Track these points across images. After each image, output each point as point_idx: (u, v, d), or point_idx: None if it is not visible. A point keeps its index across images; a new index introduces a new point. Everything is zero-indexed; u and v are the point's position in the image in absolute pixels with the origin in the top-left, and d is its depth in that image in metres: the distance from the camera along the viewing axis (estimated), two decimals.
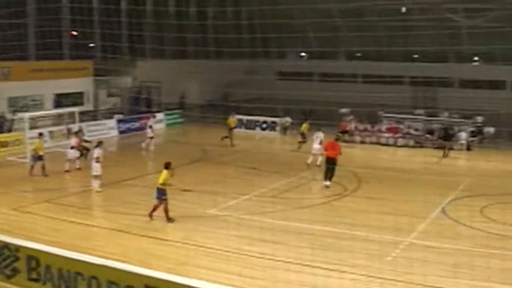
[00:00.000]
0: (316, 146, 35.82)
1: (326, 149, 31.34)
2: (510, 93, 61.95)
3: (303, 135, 41.73)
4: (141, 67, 56.73)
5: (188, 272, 17.76)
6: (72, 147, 33.11)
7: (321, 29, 67.15)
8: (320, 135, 36.63)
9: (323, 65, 70.14)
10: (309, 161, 35.79)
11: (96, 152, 29.03)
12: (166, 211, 23.73)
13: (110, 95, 55.16)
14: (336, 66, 69.86)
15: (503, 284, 17.94)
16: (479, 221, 24.80)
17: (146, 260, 18.57)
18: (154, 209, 23.81)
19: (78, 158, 33.69)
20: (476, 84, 65.12)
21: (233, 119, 44.60)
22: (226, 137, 43.00)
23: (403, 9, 63.36)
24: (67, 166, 32.79)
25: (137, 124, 48.97)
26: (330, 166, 30.39)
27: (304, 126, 42.07)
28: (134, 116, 49.97)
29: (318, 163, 35.24)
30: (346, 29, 69.15)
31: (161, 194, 23.63)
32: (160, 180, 23.64)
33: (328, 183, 30.33)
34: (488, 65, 66.07)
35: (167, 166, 24.02)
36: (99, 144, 29.79)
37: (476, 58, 71.38)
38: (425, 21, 63.26)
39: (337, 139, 32.65)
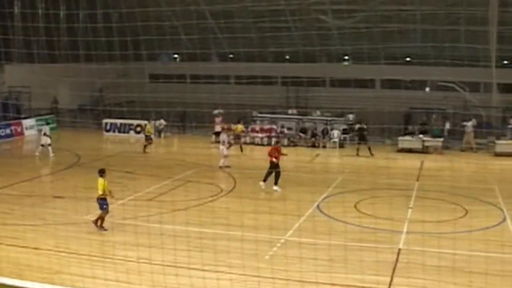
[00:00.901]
0: (223, 147, 36.76)
1: (270, 155, 30.83)
2: (379, 91, 63.55)
3: (238, 137, 41.85)
4: (9, 71, 55.05)
5: (63, 280, 17.31)
6: None
7: (192, 31, 67.10)
8: (225, 137, 37.42)
9: (195, 67, 70.04)
10: (221, 163, 36.32)
11: None
12: (102, 219, 23.16)
13: None
14: (209, 68, 69.85)
15: (377, 276, 18.43)
16: (353, 216, 25.45)
17: (19, 271, 17.95)
18: (101, 219, 23.18)
19: None
20: (346, 83, 66.50)
21: (150, 126, 44.19)
22: (146, 145, 42.56)
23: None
24: None
25: (7, 131, 47.63)
26: (274, 170, 30.42)
27: (240, 127, 42.30)
28: (3, 123, 48.47)
29: (220, 164, 36.00)
30: (217, 30, 69.33)
31: (103, 204, 23.01)
32: (99, 191, 22.96)
33: (276, 187, 30.36)
34: (357, 64, 67.53)
35: (102, 173, 23.29)
36: None
37: (346, 58, 72.91)
38: (295, 22, 64.28)
39: (277, 142, 33.11)
